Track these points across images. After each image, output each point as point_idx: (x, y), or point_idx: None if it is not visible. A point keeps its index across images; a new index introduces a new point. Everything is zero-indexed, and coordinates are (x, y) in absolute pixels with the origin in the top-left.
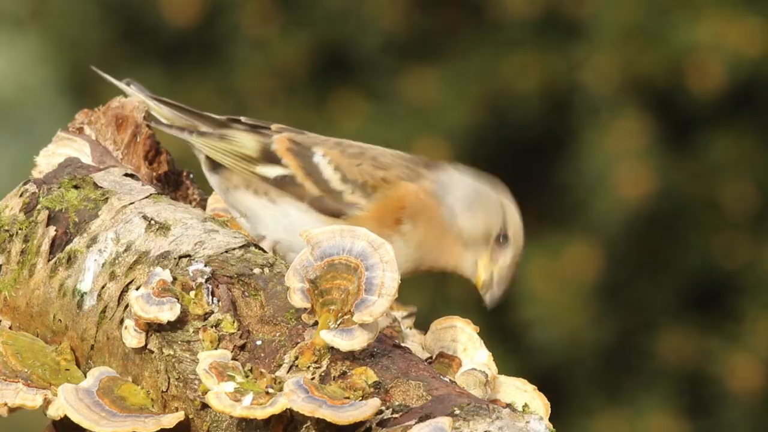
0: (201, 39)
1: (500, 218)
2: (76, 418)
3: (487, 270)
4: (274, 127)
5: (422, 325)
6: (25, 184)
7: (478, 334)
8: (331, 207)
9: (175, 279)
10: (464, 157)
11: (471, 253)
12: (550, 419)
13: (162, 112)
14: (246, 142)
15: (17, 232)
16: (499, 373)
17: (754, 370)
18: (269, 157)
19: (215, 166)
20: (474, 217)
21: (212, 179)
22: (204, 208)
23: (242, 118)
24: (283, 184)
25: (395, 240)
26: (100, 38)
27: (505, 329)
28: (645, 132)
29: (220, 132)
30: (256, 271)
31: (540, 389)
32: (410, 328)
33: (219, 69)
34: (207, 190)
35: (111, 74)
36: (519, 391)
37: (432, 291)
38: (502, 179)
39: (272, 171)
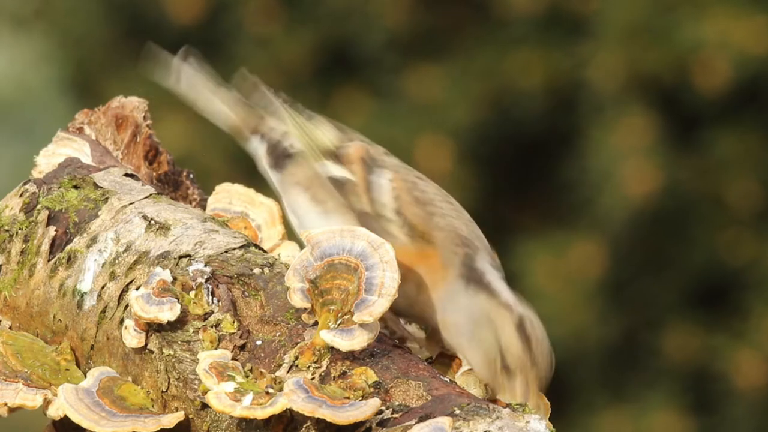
0: (204, 36)
1: (496, 348)
2: (76, 418)
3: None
4: (356, 135)
5: None
6: (25, 184)
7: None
8: (375, 229)
9: (175, 279)
10: (468, 155)
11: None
12: (554, 417)
13: (221, 95)
14: (329, 132)
15: (17, 232)
16: None
17: (760, 366)
18: (340, 156)
19: (278, 160)
20: (472, 349)
21: (273, 175)
22: (204, 208)
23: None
24: (343, 188)
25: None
26: (103, 36)
27: None
28: (650, 129)
29: (309, 113)
30: (256, 271)
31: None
32: (409, 323)
33: (222, 67)
34: (207, 190)
35: (113, 72)
36: None
37: None
38: (506, 177)
39: (336, 170)
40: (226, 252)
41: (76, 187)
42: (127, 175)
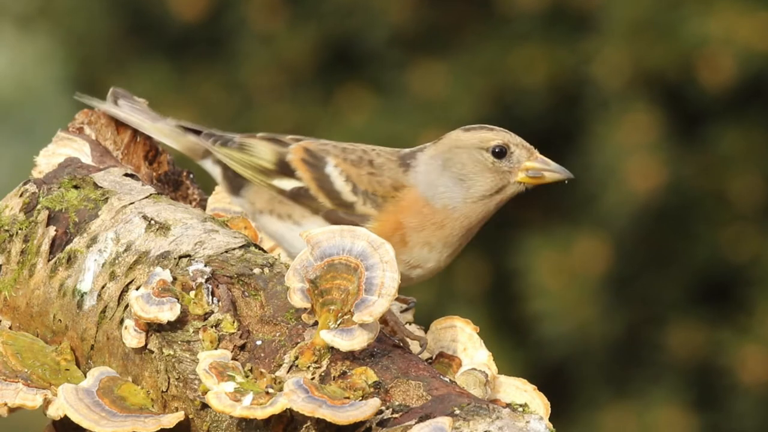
0: (207, 34)
1: (475, 142)
2: (76, 418)
3: (522, 172)
4: (289, 137)
5: (426, 320)
6: (25, 184)
7: (478, 333)
8: (345, 221)
9: (175, 279)
10: None
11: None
12: (557, 413)
13: (160, 129)
14: (264, 152)
15: (17, 232)
16: (507, 366)
17: (764, 362)
18: (285, 168)
19: (235, 188)
20: (453, 175)
21: (239, 203)
22: (204, 208)
23: (262, 134)
24: (299, 198)
25: (428, 253)
26: (106, 33)
27: (513, 323)
28: (655, 125)
29: (240, 141)
30: (256, 271)
31: (548, 383)
32: (410, 323)
33: (225, 63)
34: (207, 190)
35: (118, 70)
36: (519, 390)
37: (438, 285)
38: None
39: (288, 184)
40: (226, 252)
41: (76, 187)
42: (127, 175)
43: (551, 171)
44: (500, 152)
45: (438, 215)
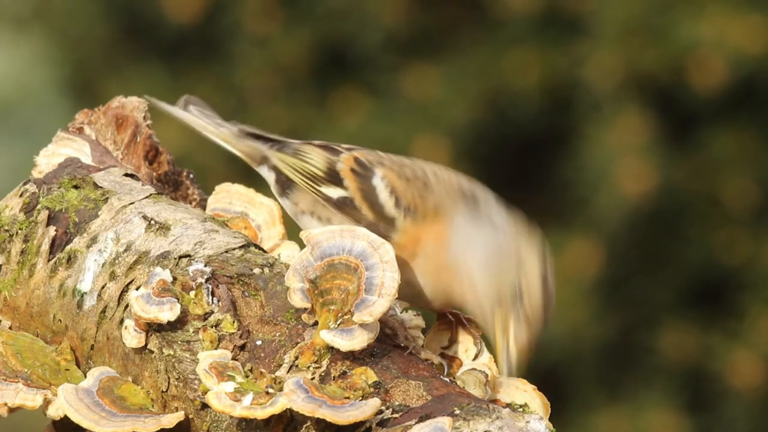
0: (202, 36)
1: (514, 275)
2: (76, 418)
3: (503, 337)
4: (344, 146)
5: (427, 321)
6: (25, 184)
7: (480, 336)
8: (382, 235)
9: (175, 279)
10: (465, 154)
11: (488, 306)
12: (551, 416)
13: (222, 134)
14: (316, 159)
15: (17, 232)
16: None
17: (755, 366)
18: (334, 177)
19: (284, 189)
20: (488, 276)
21: (283, 203)
22: (204, 208)
23: (318, 142)
24: (343, 207)
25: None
26: (102, 36)
27: None
28: (647, 128)
29: (296, 147)
30: (256, 271)
31: (541, 385)
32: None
33: (220, 66)
34: (207, 190)
35: (112, 72)
36: (519, 391)
37: None
38: (503, 176)
39: (334, 192)
40: (226, 252)
41: (76, 187)
42: (127, 175)
43: (506, 368)
44: None
45: (446, 264)
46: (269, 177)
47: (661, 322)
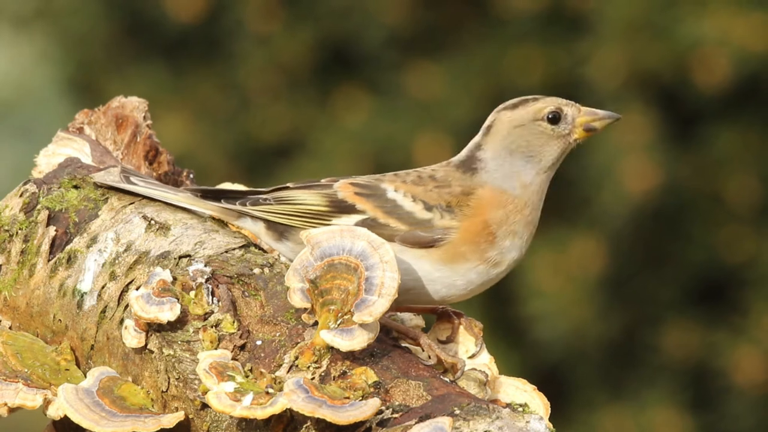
0: (204, 35)
1: (527, 118)
2: (76, 418)
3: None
4: (323, 180)
5: (426, 322)
6: (25, 184)
7: (482, 334)
8: (425, 239)
9: (175, 279)
10: None
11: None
12: (553, 414)
13: (184, 199)
14: (310, 199)
15: (17, 232)
16: (503, 367)
17: (759, 363)
18: (341, 206)
19: (281, 234)
20: (522, 155)
21: (282, 249)
22: None
23: (290, 184)
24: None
25: (511, 242)
26: (103, 35)
27: (509, 323)
28: (650, 126)
29: (274, 197)
30: (256, 271)
31: (544, 383)
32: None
33: (222, 65)
34: None
35: (114, 71)
36: (519, 391)
37: None
38: None
39: (349, 219)
40: (226, 252)
41: (76, 187)
42: None
43: (601, 119)
44: (555, 117)
45: (518, 199)
46: (255, 227)
47: (665, 319)
